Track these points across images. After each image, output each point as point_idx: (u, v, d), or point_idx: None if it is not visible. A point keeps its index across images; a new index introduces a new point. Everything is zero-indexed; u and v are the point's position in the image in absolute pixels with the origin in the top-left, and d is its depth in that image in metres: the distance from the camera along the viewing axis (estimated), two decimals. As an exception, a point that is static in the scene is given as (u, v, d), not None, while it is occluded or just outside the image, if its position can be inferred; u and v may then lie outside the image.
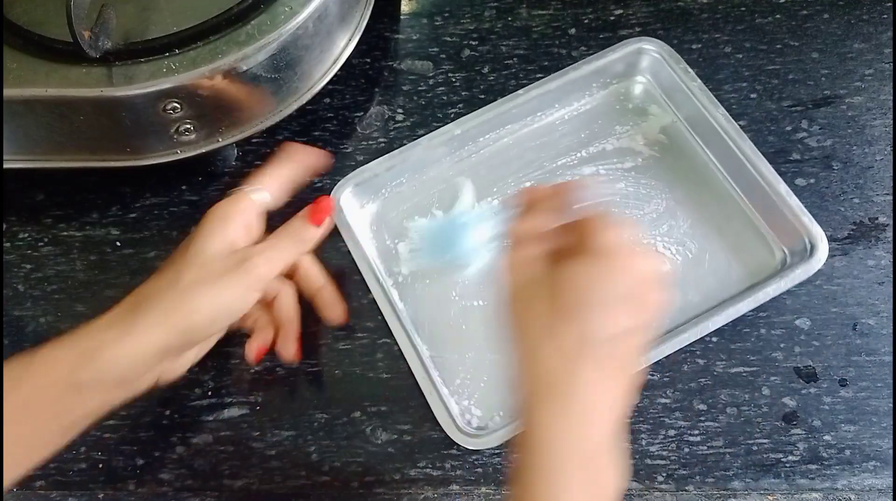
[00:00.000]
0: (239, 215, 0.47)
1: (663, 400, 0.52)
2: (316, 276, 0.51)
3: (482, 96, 0.63)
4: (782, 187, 0.55)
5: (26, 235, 0.58)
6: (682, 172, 0.59)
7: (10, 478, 0.41)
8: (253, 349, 0.50)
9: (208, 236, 0.46)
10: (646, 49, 0.61)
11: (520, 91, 0.60)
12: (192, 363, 0.48)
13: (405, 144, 0.61)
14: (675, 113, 0.61)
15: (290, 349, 0.50)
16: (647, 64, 0.62)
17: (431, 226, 0.57)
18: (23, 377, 0.41)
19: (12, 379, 0.41)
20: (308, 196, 0.50)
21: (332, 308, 0.51)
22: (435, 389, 0.51)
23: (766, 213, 0.56)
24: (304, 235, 0.48)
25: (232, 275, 0.45)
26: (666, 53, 0.61)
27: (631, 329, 0.39)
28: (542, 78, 0.63)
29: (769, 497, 0.49)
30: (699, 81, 0.59)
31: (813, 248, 0.53)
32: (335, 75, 0.58)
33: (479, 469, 0.50)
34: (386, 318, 0.53)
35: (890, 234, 0.57)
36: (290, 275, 0.51)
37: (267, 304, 0.51)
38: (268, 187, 0.49)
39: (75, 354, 0.42)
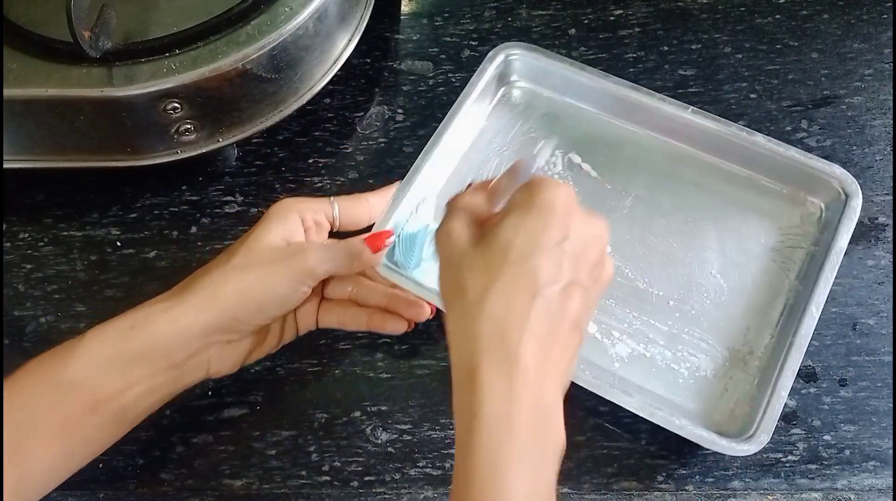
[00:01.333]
0: (298, 212, 0.48)
1: (663, 400, 0.52)
2: (376, 288, 0.51)
3: (482, 96, 0.63)
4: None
5: (26, 235, 0.58)
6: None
7: (68, 475, 0.43)
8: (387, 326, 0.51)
9: (266, 228, 0.47)
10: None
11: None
12: (246, 359, 0.48)
13: (406, 144, 0.61)
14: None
15: (423, 311, 0.50)
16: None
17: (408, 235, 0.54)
18: (74, 355, 0.42)
19: (62, 358, 0.42)
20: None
21: (394, 324, 0.51)
22: None
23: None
24: (359, 252, 0.49)
25: (282, 263, 0.46)
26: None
27: (578, 287, 0.37)
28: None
29: (769, 496, 0.49)
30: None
31: (751, 438, 0.46)
32: (335, 75, 0.58)
33: (479, 469, 0.50)
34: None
35: (890, 234, 0.57)
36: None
37: (351, 302, 0.52)
38: (341, 202, 0.51)
39: (124, 326, 0.43)
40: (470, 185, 0.45)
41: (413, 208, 0.54)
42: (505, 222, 0.38)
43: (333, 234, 0.52)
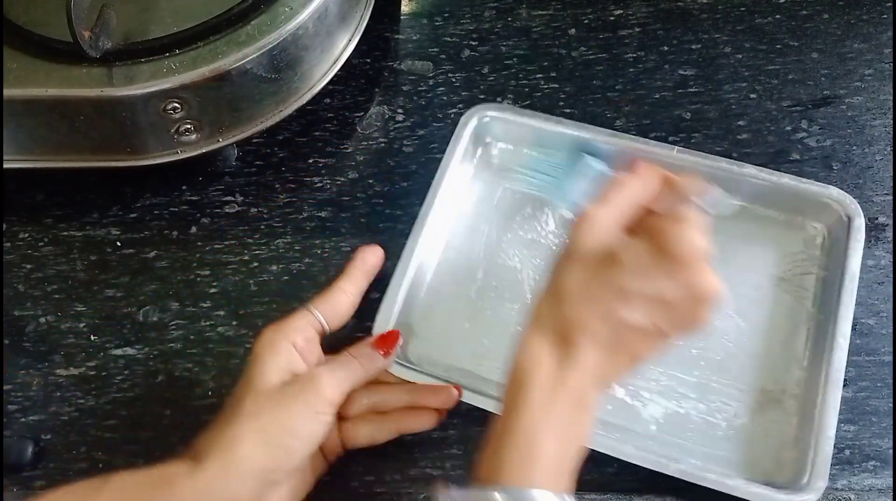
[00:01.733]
0: (286, 338, 0.45)
1: (663, 400, 0.52)
2: (393, 389, 0.49)
3: (482, 96, 0.63)
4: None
5: (26, 235, 0.58)
6: None
7: None
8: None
9: (261, 363, 0.44)
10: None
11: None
12: None
13: (406, 144, 0.61)
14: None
15: (451, 395, 0.48)
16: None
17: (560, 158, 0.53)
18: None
19: None
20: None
21: (425, 419, 0.48)
22: None
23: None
24: (372, 361, 0.47)
25: (297, 399, 0.43)
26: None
27: (656, 331, 0.40)
28: (541, 77, 0.63)
29: (769, 496, 0.49)
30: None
31: (806, 486, 0.46)
32: (335, 75, 0.58)
33: (480, 469, 0.50)
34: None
35: (890, 234, 0.57)
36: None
37: (371, 412, 0.48)
38: (320, 306, 0.48)
39: (148, 481, 0.41)
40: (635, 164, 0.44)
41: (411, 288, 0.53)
42: (631, 245, 0.40)
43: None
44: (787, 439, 0.49)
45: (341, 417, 0.47)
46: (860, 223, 0.53)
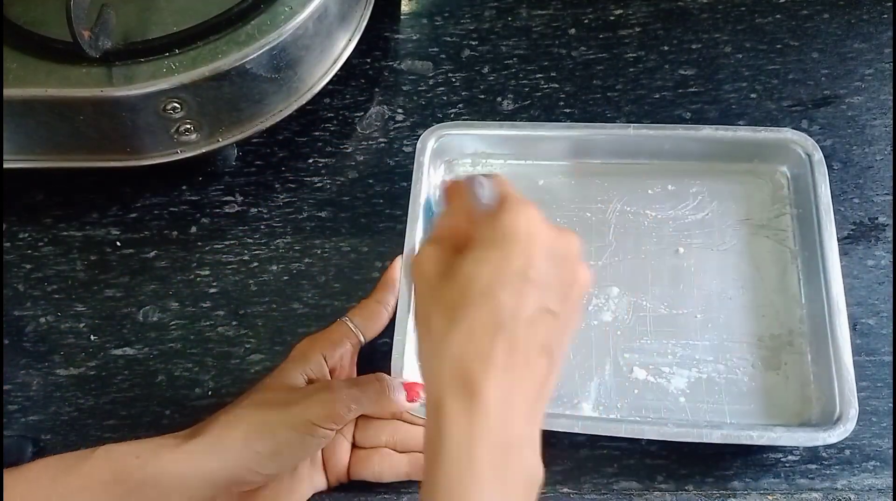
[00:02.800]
0: (320, 348, 0.46)
1: (663, 400, 0.52)
2: (416, 430, 0.47)
3: (482, 96, 0.63)
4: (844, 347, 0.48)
5: (26, 235, 0.58)
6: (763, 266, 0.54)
7: None
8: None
9: (287, 366, 0.45)
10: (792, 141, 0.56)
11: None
12: None
13: (406, 144, 0.61)
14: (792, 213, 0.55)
15: None
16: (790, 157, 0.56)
17: None
18: (77, 470, 0.41)
19: (65, 469, 0.41)
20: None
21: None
22: None
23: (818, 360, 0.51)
24: (392, 400, 0.45)
25: (300, 403, 0.42)
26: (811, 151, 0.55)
27: (549, 311, 0.35)
28: (541, 77, 0.63)
29: (769, 496, 0.49)
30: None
31: (840, 418, 0.47)
32: (335, 75, 0.58)
33: (479, 469, 0.50)
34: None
35: (890, 234, 0.56)
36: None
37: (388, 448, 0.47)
38: (356, 320, 0.49)
39: (132, 453, 0.41)
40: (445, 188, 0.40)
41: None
42: (468, 255, 0.35)
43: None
44: (806, 376, 0.50)
45: (356, 445, 0.47)
46: (820, 157, 0.54)
